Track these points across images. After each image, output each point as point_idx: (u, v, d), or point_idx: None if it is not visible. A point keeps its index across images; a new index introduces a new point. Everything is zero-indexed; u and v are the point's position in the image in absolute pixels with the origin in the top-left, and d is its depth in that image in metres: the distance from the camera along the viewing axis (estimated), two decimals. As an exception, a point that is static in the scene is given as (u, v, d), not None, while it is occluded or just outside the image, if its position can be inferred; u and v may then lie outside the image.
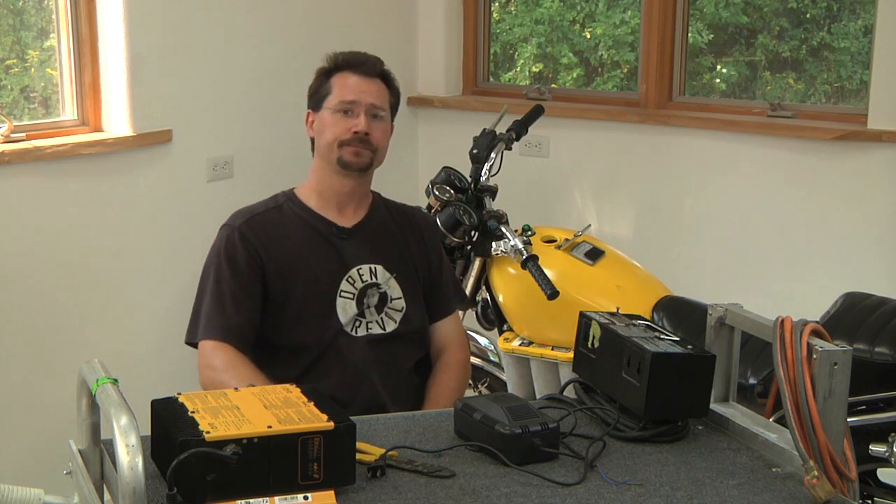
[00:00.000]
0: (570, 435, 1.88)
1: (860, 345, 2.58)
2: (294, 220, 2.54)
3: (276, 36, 4.13)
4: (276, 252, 2.49)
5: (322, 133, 2.53)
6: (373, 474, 1.72)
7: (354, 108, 2.50)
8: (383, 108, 2.54)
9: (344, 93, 2.51)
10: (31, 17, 3.71)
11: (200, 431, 1.56)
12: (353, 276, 2.51)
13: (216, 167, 3.97)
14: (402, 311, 2.54)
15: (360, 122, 2.48)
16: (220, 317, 2.43)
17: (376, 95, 2.53)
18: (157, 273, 3.76)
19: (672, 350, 1.90)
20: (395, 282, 2.55)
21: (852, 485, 1.76)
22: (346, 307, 2.49)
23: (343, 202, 2.55)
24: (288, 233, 2.52)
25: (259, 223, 2.51)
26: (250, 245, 2.48)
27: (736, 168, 4.16)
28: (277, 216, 2.54)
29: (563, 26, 5.10)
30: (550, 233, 3.31)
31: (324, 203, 2.55)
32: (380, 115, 2.53)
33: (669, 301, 3.08)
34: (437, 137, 4.70)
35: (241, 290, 2.45)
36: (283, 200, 2.57)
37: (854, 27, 4.51)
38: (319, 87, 2.57)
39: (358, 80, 2.53)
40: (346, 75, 2.54)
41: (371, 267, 2.53)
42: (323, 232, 2.53)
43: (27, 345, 3.44)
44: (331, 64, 2.58)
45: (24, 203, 3.40)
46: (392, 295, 2.54)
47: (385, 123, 2.55)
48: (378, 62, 2.58)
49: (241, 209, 2.57)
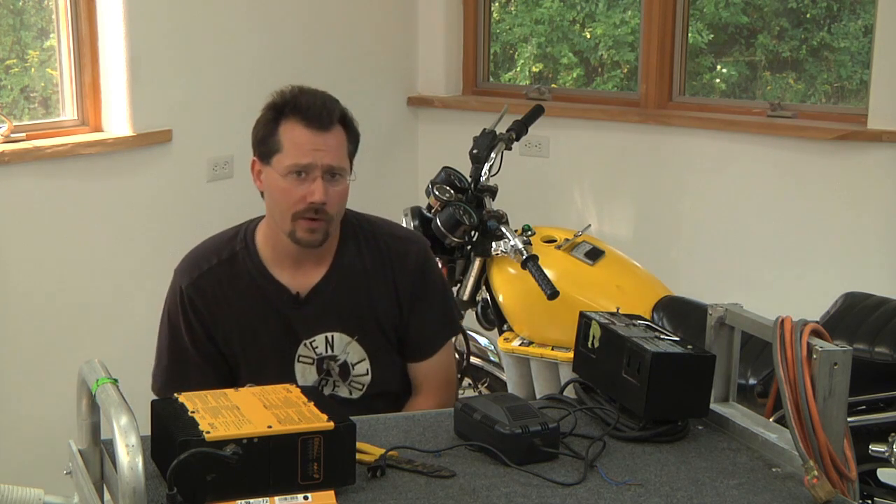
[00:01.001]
0: (570, 435, 1.88)
1: (860, 345, 2.58)
2: (244, 281, 2.29)
3: (276, 36, 4.13)
4: (222, 319, 2.29)
5: (273, 196, 2.24)
6: (373, 474, 1.72)
7: (309, 171, 2.19)
8: (342, 166, 2.22)
9: (296, 154, 2.19)
10: (31, 17, 3.71)
11: (200, 431, 1.56)
12: (307, 346, 2.30)
13: (216, 167, 3.97)
14: (368, 374, 2.34)
15: (315, 191, 2.18)
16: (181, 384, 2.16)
17: (334, 153, 2.21)
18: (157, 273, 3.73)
19: (672, 350, 1.90)
20: (356, 345, 2.32)
21: (852, 485, 1.76)
22: (305, 372, 2.32)
23: (300, 261, 2.29)
24: (236, 298, 2.29)
25: (205, 284, 2.29)
26: (197, 310, 2.29)
27: (736, 168, 4.16)
28: (228, 273, 2.30)
29: (563, 26, 5.09)
30: (550, 233, 3.31)
31: (278, 260, 2.30)
32: (338, 176, 2.22)
33: (669, 301, 3.08)
34: (437, 137, 4.70)
35: (201, 357, 2.30)
36: (239, 248, 2.31)
37: (854, 27, 4.51)
38: (267, 135, 2.24)
39: (311, 137, 2.19)
40: (297, 128, 2.20)
41: (327, 336, 2.31)
42: (273, 300, 2.29)
43: (27, 345, 3.44)
44: (279, 103, 2.24)
45: (24, 203, 3.40)
46: (352, 361, 2.33)
47: (343, 184, 2.23)
48: (334, 106, 2.23)
49: (194, 252, 2.36)
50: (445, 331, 2.45)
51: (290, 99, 2.23)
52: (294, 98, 2.23)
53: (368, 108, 4.36)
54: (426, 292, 2.39)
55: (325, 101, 2.24)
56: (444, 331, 2.45)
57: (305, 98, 2.23)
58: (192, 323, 2.30)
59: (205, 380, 2.28)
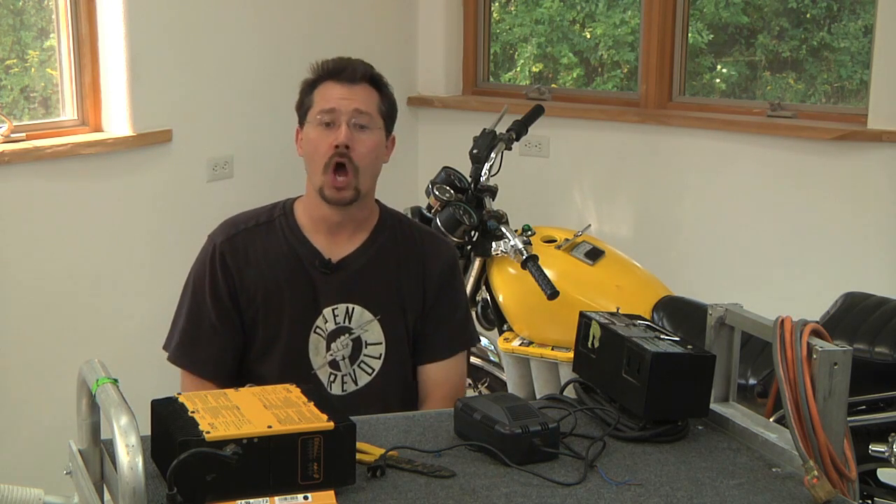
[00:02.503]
0: (570, 435, 1.88)
1: (860, 345, 2.58)
2: (279, 243, 2.34)
3: (276, 36, 4.14)
4: (249, 280, 2.32)
5: (307, 153, 2.32)
6: (373, 474, 1.72)
7: (335, 117, 2.27)
8: (369, 114, 2.29)
9: (323, 103, 2.29)
10: (31, 17, 3.71)
11: (200, 431, 1.55)
12: (326, 315, 2.32)
13: (216, 167, 3.97)
14: (381, 358, 2.35)
15: (340, 134, 2.25)
16: (192, 348, 2.34)
17: (361, 101, 2.29)
18: (157, 273, 3.76)
19: (672, 350, 1.90)
20: (377, 325, 2.34)
21: (852, 485, 1.76)
22: (318, 346, 2.33)
23: (334, 229, 2.34)
24: (268, 259, 2.33)
25: (240, 242, 2.34)
26: (226, 269, 2.32)
27: (736, 168, 4.16)
28: (264, 235, 2.35)
29: (563, 26, 5.10)
30: (550, 233, 3.31)
31: (315, 227, 2.35)
32: (365, 125, 2.28)
33: (669, 301, 3.08)
34: (437, 137, 4.71)
35: (219, 320, 2.32)
36: (278, 214, 2.38)
37: (854, 27, 4.51)
38: (303, 100, 2.36)
39: (340, 88, 2.30)
40: (329, 85, 2.31)
41: (348, 307, 2.33)
42: (305, 263, 2.33)
43: (27, 345, 3.44)
44: (314, 75, 2.36)
45: (24, 203, 3.40)
46: (368, 340, 2.34)
47: (372, 135, 2.29)
48: (364, 66, 2.34)
49: (233, 217, 2.42)
50: (462, 338, 2.47)
51: (321, 66, 2.36)
52: (325, 64, 2.36)
53: (368, 108, 4.37)
54: (451, 293, 2.43)
55: (355, 62, 2.36)
56: (461, 337, 2.47)
57: (335, 61, 2.36)
58: (218, 281, 2.33)
59: (218, 349, 2.33)
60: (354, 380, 2.35)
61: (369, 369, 2.36)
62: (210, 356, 2.33)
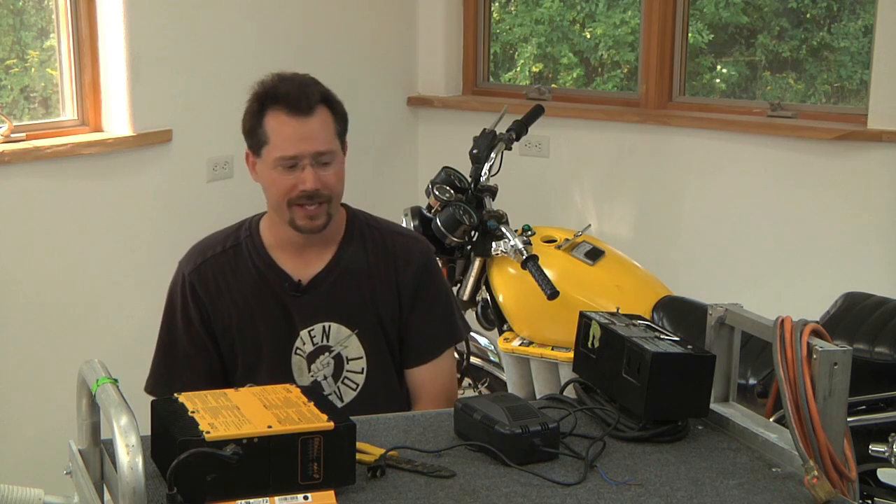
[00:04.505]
0: (570, 435, 1.88)
1: (860, 345, 2.58)
2: (247, 270, 2.30)
3: (276, 36, 4.13)
4: (222, 308, 2.29)
5: (267, 187, 2.26)
6: (373, 474, 1.72)
7: (297, 160, 2.19)
8: (331, 149, 2.22)
9: (282, 146, 2.19)
10: (31, 17, 3.71)
11: (200, 431, 1.55)
12: (303, 337, 2.29)
13: (216, 167, 3.97)
14: (363, 372, 2.32)
15: (307, 180, 2.19)
16: (167, 377, 2.31)
17: (321, 139, 2.20)
18: (157, 273, 3.74)
19: (672, 350, 1.90)
20: (355, 340, 2.31)
21: (852, 485, 1.76)
22: (301, 366, 2.30)
23: (301, 249, 2.30)
24: (238, 286, 2.29)
25: (208, 271, 2.30)
26: (197, 298, 2.29)
27: (736, 168, 4.16)
28: (231, 261, 2.31)
29: (563, 26, 5.10)
30: (550, 233, 3.31)
31: (281, 248, 2.30)
32: (328, 161, 2.22)
33: (669, 301, 3.08)
34: (437, 137, 4.70)
35: (193, 349, 2.30)
36: (244, 237, 2.33)
37: (854, 27, 4.51)
38: (254, 126, 2.25)
39: (295, 126, 2.19)
40: (280, 117, 2.20)
41: (324, 326, 2.30)
42: (274, 287, 2.29)
43: (27, 345, 3.44)
44: (260, 94, 2.25)
45: (24, 203, 3.40)
46: (349, 356, 2.31)
47: (335, 166, 2.23)
48: (313, 89, 2.22)
49: (200, 243, 2.37)
50: (446, 335, 2.42)
51: (269, 88, 2.24)
52: (274, 87, 2.24)
53: (368, 108, 4.37)
54: (428, 293, 2.37)
55: (304, 85, 2.23)
56: (445, 335, 2.42)
57: (284, 86, 2.23)
58: (190, 311, 2.30)
59: (193, 375, 2.29)
60: (340, 397, 2.34)
61: (353, 384, 2.34)
62: (184, 385, 2.22)
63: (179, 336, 2.32)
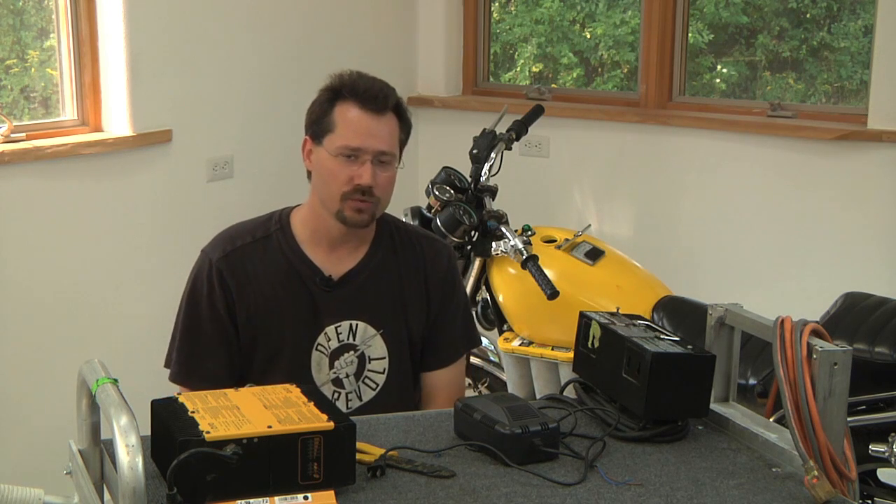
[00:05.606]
0: (571, 435, 1.88)
1: (860, 345, 2.58)
2: (277, 260, 2.29)
3: (276, 36, 4.14)
4: (248, 298, 2.27)
5: (321, 175, 2.26)
6: (373, 474, 1.72)
7: (359, 154, 2.21)
8: (392, 153, 2.25)
9: (348, 136, 2.21)
10: (31, 17, 3.71)
11: (200, 431, 1.55)
12: (328, 333, 2.29)
13: (216, 167, 3.97)
14: (384, 372, 2.32)
15: (364, 174, 2.21)
16: (190, 362, 2.29)
17: (386, 139, 2.24)
18: (157, 273, 3.76)
19: (672, 350, 1.90)
20: (379, 339, 2.32)
21: (852, 485, 1.76)
22: (321, 363, 2.30)
23: (336, 244, 2.30)
24: (266, 276, 2.28)
25: (237, 260, 2.28)
26: (224, 286, 2.27)
27: (736, 168, 4.16)
28: (261, 252, 2.30)
29: (563, 26, 5.10)
30: (550, 233, 3.31)
31: (315, 242, 2.30)
32: (387, 163, 2.25)
33: (669, 301, 3.08)
34: (437, 137, 4.70)
35: (216, 334, 2.28)
36: (274, 229, 2.32)
37: (854, 27, 4.51)
38: (321, 115, 2.26)
39: (366, 120, 2.22)
40: (352, 110, 2.23)
41: (351, 324, 2.30)
42: (305, 280, 2.28)
43: (27, 345, 3.44)
44: (336, 85, 2.26)
45: (24, 203, 3.40)
46: (372, 355, 2.32)
47: (391, 171, 2.26)
48: (391, 93, 2.27)
49: (227, 231, 2.35)
50: (466, 340, 2.46)
51: (348, 82, 2.26)
52: (352, 81, 2.26)
53: (368, 108, 4.37)
54: (454, 298, 2.41)
55: (383, 87, 2.27)
56: (465, 340, 2.46)
57: (364, 82, 2.26)
58: (216, 299, 2.28)
59: (216, 362, 2.28)
60: (359, 396, 2.34)
61: (373, 384, 2.34)
62: (207, 374, 2.27)
63: (205, 326, 2.29)
